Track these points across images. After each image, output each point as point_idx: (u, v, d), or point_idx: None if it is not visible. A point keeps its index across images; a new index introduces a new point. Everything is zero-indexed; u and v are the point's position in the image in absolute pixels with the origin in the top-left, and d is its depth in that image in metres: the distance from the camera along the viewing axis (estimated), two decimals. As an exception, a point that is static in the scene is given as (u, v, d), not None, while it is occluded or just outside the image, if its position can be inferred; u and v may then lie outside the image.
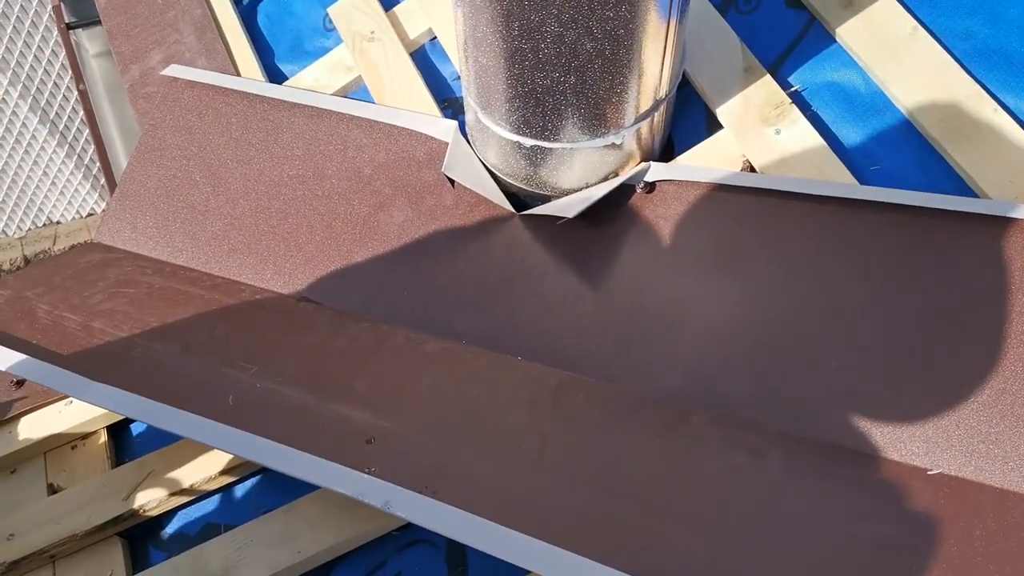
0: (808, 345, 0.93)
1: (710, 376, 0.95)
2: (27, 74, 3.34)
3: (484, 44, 0.90)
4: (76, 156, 3.76)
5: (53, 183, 3.84)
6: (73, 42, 1.65)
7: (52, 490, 1.07)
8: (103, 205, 3.01)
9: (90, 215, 4.14)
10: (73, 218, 4.13)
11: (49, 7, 2.79)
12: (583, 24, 0.83)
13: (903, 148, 1.02)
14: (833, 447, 0.88)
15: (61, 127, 3.61)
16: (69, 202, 4.01)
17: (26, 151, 3.64)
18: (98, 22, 1.57)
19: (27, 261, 4.05)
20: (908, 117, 1.02)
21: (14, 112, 3.46)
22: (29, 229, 4.11)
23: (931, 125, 1.00)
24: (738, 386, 0.93)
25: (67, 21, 1.66)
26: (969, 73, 1.00)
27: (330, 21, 1.41)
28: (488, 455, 0.92)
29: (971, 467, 0.85)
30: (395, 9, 1.36)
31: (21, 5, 3.10)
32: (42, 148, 3.64)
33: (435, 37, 1.33)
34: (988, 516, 0.81)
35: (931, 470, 0.85)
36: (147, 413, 0.91)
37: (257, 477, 1.05)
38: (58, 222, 4.15)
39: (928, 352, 0.89)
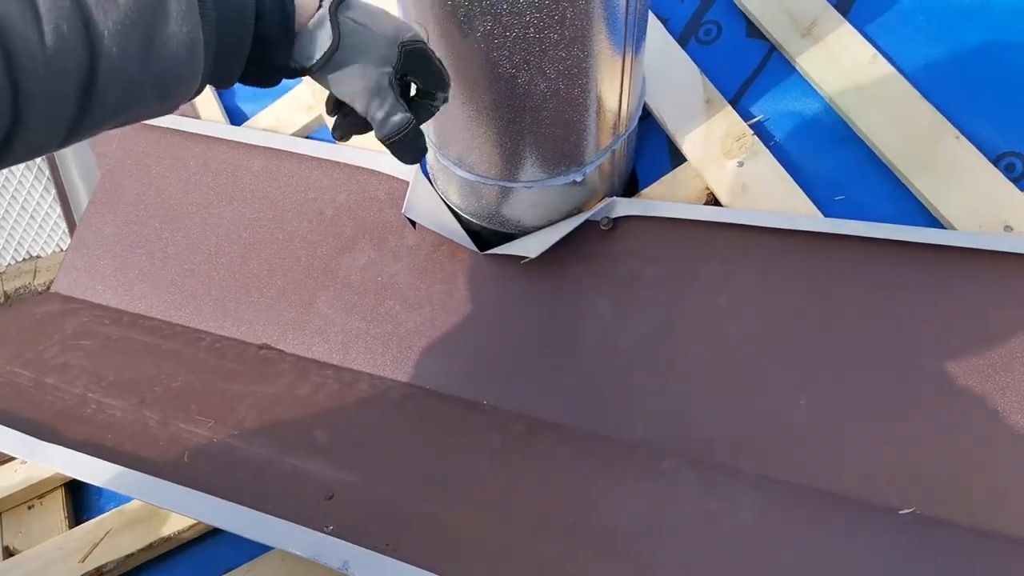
0: (778, 384, 0.91)
1: (683, 418, 0.93)
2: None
3: (436, 87, 0.88)
4: (55, 190, 3.73)
5: (32, 217, 3.82)
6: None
7: (8, 553, 1.04)
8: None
9: (69, 249, 4.10)
10: (53, 252, 4.10)
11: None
12: (535, 65, 0.81)
13: (867, 177, 1.00)
14: (805, 488, 0.86)
15: (37, 160, 3.59)
16: (48, 236, 3.98)
17: (3, 185, 3.62)
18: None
19: (7, 297, 4.00)
20: (870, 146, 1.01)
21: (-11, 148, 3.43)
22: (9, 264, 4.08)
23: (893, 154, 0.99)
24: (711, 428, 0.91)
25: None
26: (930, 101, 0.99)
27: (291, 59, 1.39)
28: (455, 505, 0.89)
29: (943, 506, 0.83)
30: (356, 45, 1.34)
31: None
32: (19, 182, 3.61)
33: (397, 73, 1.32)
34: (957, 556, 0.79)
35: (902, 510, 0.83)
36: (96, 475, 0.88)
37: (220, 534, 1.02)
38: (38, 256, 4.11)
39: (898, 389, 0.87)
